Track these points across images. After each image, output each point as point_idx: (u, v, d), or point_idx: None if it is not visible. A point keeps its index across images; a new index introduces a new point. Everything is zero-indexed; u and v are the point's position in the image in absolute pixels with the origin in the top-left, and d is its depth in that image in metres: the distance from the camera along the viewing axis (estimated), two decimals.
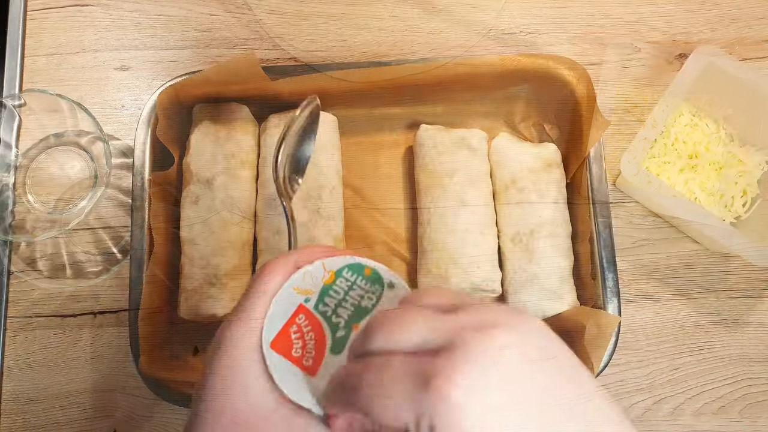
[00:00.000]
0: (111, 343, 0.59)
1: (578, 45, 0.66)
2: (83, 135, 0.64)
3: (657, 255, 0.61)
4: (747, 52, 0.66)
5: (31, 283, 0.60)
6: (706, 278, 0.60)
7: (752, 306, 0.60)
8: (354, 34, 0.66)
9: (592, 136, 0.55)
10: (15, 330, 0.59)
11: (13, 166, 0.63)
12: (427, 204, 0.57)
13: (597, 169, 0.57)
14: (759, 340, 0.59)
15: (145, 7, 0.67)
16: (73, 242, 0.61)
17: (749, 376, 0.58)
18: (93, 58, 0.66)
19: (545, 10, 0.67)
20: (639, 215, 0.62)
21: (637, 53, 0.66)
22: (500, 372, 0.23)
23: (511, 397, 0.23)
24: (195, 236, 0.55)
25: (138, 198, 0.56)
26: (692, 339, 0.59)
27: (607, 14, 0.67)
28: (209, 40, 0.66)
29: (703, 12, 0.67)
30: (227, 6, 0.67)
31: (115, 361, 0.59)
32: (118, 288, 0.60)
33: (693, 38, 0.66)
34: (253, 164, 0.58)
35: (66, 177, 0.63)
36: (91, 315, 0.60)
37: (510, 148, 0.58)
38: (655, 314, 0.60)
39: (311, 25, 0.67)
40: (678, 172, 0.60)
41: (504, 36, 0.66)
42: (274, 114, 0.59)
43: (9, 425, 0.57)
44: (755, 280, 0.60)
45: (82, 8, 0.67)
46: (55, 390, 0.58)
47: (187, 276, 0.55)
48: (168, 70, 0.65)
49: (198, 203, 0.55)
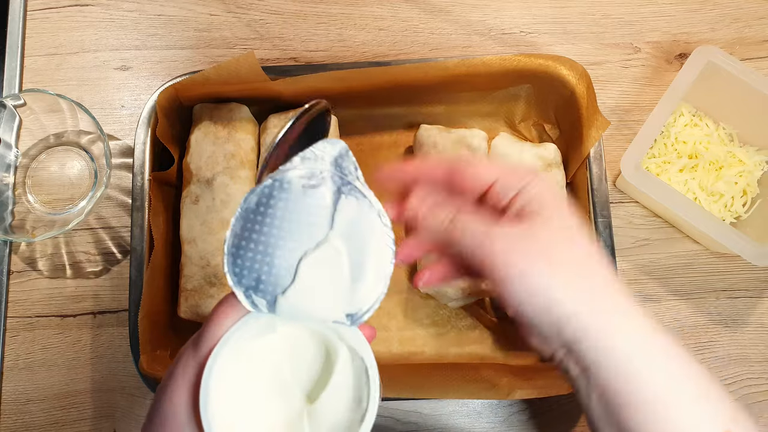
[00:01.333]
0: (111, 343, 0.59)
1: (578, 45, 0.66)
2: (83, 135, 0.64)
3: (657, 255, 0.61)
4: (747, 52, 0.66)
5: (31, 283, 0.60)
6: (706, 278, 0.60)
7: (752, 306, 0.60)
8: (354, 34, 0.66)
9: (592, 136, 0.55)
10: (15, 330, 0.59)
11: (13, 166, 0.63)
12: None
13: (597, 169, 0.57)
14: (759, 340, 0.59)
15: (145, 7, 0.67)
16: (73, 242, 0.61)
17: (749, 376, 0.58)
18: (93, 58, 0.66)
19: (545, 10, 0.67)
20: (639, 215, 0.62)
21: (637, 53, 0.66)
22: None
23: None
24: (195, 236, 0.55)
25: (138, 198, 0.56)
26: (692, 339, 0.59)
27: (607, 14, 0.67)
28: (209, 40, 0.66)
29: (704, 12, 0.67)
30: (227, 6, 0.67)
31: (115, 361, 0.59)
32: (118, 288, 0.60)
33: (693, 38, 0.66)
34: (253, 164, 0.58)
35: (66, 177, 0.63)
36: (91, 315, 0.60)
37: (510, 148, 0.58)
38: (655, 314, 0.60)
39: (311, 25, 0.67)
40: (678, 172, 0.60)
41: (504, 36, 0.66)
42: (274, 114, 0.59)
43: (9, 425, 0.57)
44: (755, 280, 0.60)
45: (82, 8, 0.67)
46: (55, 390, 0.58)
47: (187, 276, 0.55)
48: (168, 70, 0.65)
49: (198, 203, 0.55)
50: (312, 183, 0.29)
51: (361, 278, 0.29)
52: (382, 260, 0.29)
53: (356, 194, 0.29)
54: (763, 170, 0.60)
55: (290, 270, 0.29)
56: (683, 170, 0.60)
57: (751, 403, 0.58)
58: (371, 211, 0.29)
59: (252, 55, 0.53)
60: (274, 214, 0.29)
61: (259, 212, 0.29)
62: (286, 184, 0.29)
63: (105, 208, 0.62)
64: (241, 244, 0.29)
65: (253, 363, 0.30)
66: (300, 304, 0.29)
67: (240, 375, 0.29)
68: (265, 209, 0.29)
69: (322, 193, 0.29)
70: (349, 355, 0.30)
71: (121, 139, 0.64)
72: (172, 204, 0.58)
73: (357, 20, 0.67)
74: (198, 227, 0.55)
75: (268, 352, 0.30)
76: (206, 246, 0.54)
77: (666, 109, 0.56)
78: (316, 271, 0.29)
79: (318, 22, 0.67)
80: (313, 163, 0.29)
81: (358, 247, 0.29)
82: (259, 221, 0.29)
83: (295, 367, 0.30)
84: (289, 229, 0.29)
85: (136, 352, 0.52)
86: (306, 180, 0.29)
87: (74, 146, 0.64)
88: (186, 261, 0.55)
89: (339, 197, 0.29)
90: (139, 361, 0.52)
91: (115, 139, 0.64)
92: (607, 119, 0.54)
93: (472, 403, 0.57)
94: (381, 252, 0.29)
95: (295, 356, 0.30)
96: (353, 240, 0.29)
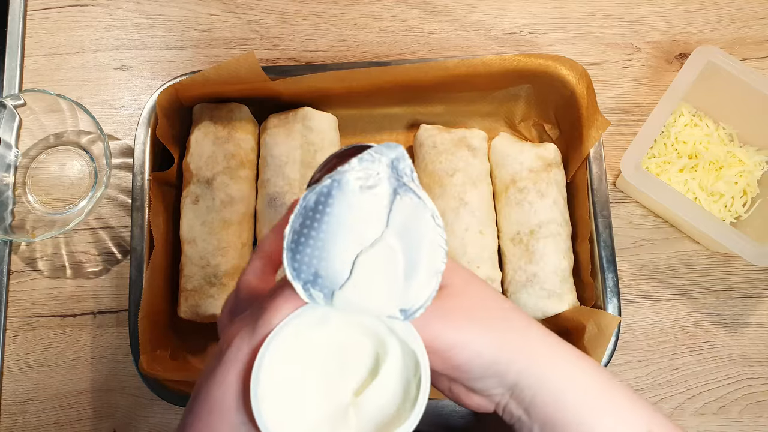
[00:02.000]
0: (111, 343, 0.59)
1: (578, 45, 0.66)
2: (83, 135, 0.64)
3: (657, 255, 0.61)
4: (747, 52, 0.66)
5: (31, 283, 0.60)
6: (706, 278, 0.60)
7: (752, 306, 0.60)
8: (354, 34, 0.66)
9: (592, 136, 0.55)
10: (15, 330, 0.59)
11: (13, 166, 0.63)
12: None
13: (597, 169, 0.57)
14: (759, 340, 0.59)
15: (145, 7, 0.67)
16: (73, 242, 0.61)
17: (749, 376, 0.58)
18: (93, 58, 0.66)
19: (545, 10, 0.67)
20: (639, 215, 0.62)
21: (637, 53, 0.66)
22: None
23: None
24: (195, 236, 0.55)
25: (138, 198, 0.56)
26: (692, 339, 0.59)
27: (607, 14, 0.67)
28: (209, 40, 0.66)
29: (704, 12, 0.67)
30: (227, 6, 0.67)
31: (115, 361, 0.59)
32: (118, 288, 0.60)
33: (693, 38, 0.66)
34: (253, 164, 0.58)
35: (66, 177, 0.63)
36: (91, 315, 0.60)
37: (510, 148, 0.58)
38: (655, 314, 0.60)
39: (311, 25, 0.67)
40: (678, 172, 0.60)
41: (504, 36, 0.66)
42: (274, 114, 0.59)
43: (9, 425, 0.57)
44: (755, 280, 0.60)
45: (82, 8, 0.67)
46: (55, 390, 0.58)
47: (187, 276, 0.55)
48: (168, 70, 0.65)
49: (198, 203, 0.55)
50: (369, 184, 0.30)
51: (415, 275, 0.30)
52: (435, 258, 0.30)
53: (411, 195, 0.30)
54: (763, 170, 0.60)
55: (347, 266, 0.29)
56: (683, 170, 0.60)
57: (751, 403, 0.58)
58: (425, 211, 0.30)
59: (252, 55, 0.53)
60: (331, 212, 0.29)
61: (317, 210, 0.29)
62: (345, 184, 0.29)
63: (105, 208, 0.62)
64: (300, 240, 0.29)
65: (304, 353, 0.31)
66: (356, 299, 0.30)
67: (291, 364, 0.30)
68: (324, 207, 0.29)
69: (378, 193, 0.30)
70: (400, 350, 0.31)
71: (121, 139, 0.64)
72: (172, 204, 0.58)
73: (357, 20, 0.67)
74: (198, 227, 0.55)
75: (320, 344, 0.31)
76: (206, 246, 0.54)
77: (666, 109, 0.56)
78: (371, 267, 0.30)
79: (318, 22, 0.67)
80: (370, 165, 0.30)
81: (412, 245, 0.30)
82: (317, 219, 0.29)
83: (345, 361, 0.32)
84: (346, 226, 0.30)
85: (136, 352, 0.52)
86: (363, 181, 0.30)
87: (74, 146, 0.64)
88: (186, 261, 0.55)
89: (395, 198, 0.30)
90: (139, 361, 0.52)
91: (115, 139, 0.64)
92: (607, 119, 0.54)
93: None
94: (433, 250, 0.30)
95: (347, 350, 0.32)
96: (407, 239, 0.30)
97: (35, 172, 0.63)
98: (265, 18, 0.67)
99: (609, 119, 0.54)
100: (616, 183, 0.62)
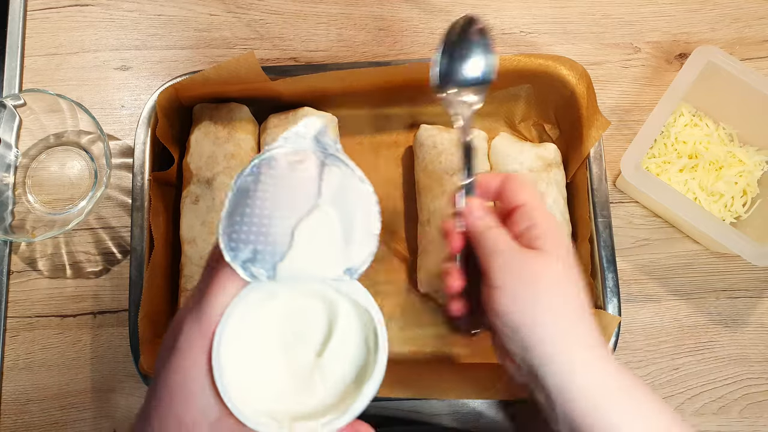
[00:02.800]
0: (111, 343, 0.59)
1: (578, 45, 0.66)
2: (83, 135, 0.64)
3: (657, 255, 0.61)
4: (747, 52, 0.66)
5: (31, 283, 0.60)
6: (706, 278, 0.60)
7: (752, 306, 0.60)
8: (354, 34, 0.66)
9: (592, 136, 0.55)
10: (15, 330, 0.59)
11: (13, 166, 0.63)
12: (426, 203, 0.57)
13: (597, 169, 0.56)
14: (759, 340, 0.59)
15: (145, 7, 0.67)
16: (73, 242, 0.61)
17: (749, 376, 0.58)
18: (93, 58, 0.66)
19: (545, 10, 0.67)
20: (639, 215, 0.62)
21: (637, 53, 0.66)
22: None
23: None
24: (195, 236, 0.55)
25: (138, 198, 0.56)
26: (692, 339, 0.59)
27: (607, 14, 0.67)
28: (209, 40, 0.66)
29: (704, 12, 0.67)
30: (227, 6, 0.67)
31: (115, 361, 0.59)
32: (118, 288, 0.60)
33: (693, 38, 0.66)
34: None
35: (66, 177, 0.63)
36: (91, 315, 0.60)
37: (510, 148, 0.58)
38: (655, 314, 0.60)
39: (311, 25, 0.67)
40: (678, 172, 0.60)
41: (504, 36, 0.66)
42: (274, 114, 0.59)
43: (9, 425, 0.57)
44: (755, 280, 0.60)
45: (82, 8, 0.67)
46: (55, 390, 0.58)
47: (187, 276, 0.55)
48: (168, 70, 0.65)
49: (198, 203, 0.55)
50: (297, 159, 0.31)
51: (353, 237, 0.31)
52: (370, 219, 0.32)
53: (338, 164, 0.32)
54: (763, 170, 0.60)
55: (286, 237, 0.31)
56: (683, 170, 0.60)
57: (752, 403, 0.58)
58: (353, 177, 0.32)
59: (252, 55, 0.53)
60: (265, 189, 0.31)
61: (249, 189, 0.31)
62: (273, 161, 0.31)
63: (105, 208, 0.62)
64: (235, 220, 0.30)
65: (259, 329, 0.32)
66: (299, 267, 0.31)
67: (248, 342, 0.31)
68: (255, 185, 0.31)
69: (307, 166, 0.31)
70: (352, 307, 0.32)
71: (121, 139, 0.64)
72: (172, 204, 0.58)
73: (357, 20, 0.67)
74: (198, 227, 0.55)
75: (272, 317, 0.32)
76: (206, 246, 0.54)
77: (666, 109, 0.56)
78: (311, 234, 0.31)
79: (318, 22, 0.67)
80: (295, 141, 0.31)
81: (347, 210, 0.31)
82: (251, 196, 0.31)
83: (300, 328, 0.33)
84: (281, 201, 0.31)
85: (136, 352, 0.52)
86: (291, 156, 0.31)
87: (74, 146, 0.64)
88: (186, 261, 0.55)
89: (323, 168, 0.32)
90: (139, 361, 0.52)
91: (115, 139, 0.64)
92: (607, 119, 0.54)
93: (472, 403, 0.57)
94: (368, 212, 0.32)
95: (300, 318, 0.33)
96: (341, 204, 0.31)
97: (35, 172, 0.63)
98: (265, 18, 0.67)
99: (609, 119, 0.54)
100: (616, 183, 0.62)
